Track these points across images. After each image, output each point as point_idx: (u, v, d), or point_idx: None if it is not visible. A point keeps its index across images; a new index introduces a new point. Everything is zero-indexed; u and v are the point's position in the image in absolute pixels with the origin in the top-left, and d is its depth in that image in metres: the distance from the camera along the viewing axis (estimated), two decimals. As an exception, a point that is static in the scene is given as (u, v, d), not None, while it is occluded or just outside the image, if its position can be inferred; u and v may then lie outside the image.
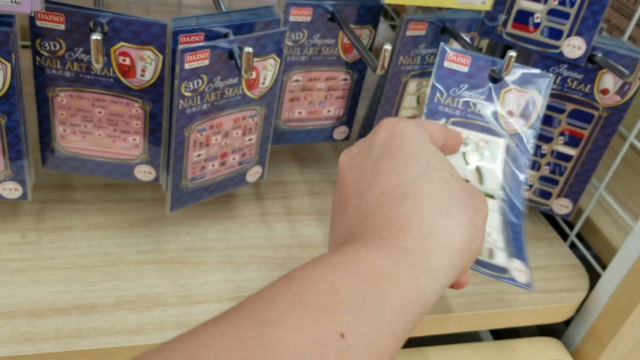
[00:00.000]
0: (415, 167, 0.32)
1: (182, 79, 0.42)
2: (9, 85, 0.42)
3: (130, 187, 0.59)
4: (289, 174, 0.66)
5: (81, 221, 0.54)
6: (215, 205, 0.59)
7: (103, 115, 0.47)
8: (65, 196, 0.56)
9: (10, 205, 0.54)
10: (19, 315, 0.45)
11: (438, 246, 0.29)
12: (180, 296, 0.49)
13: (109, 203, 0.57)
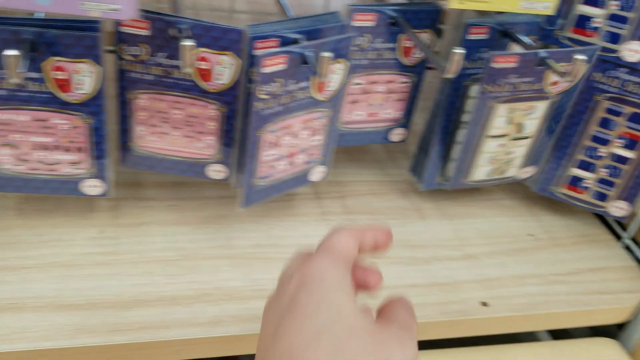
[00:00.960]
0: (311, 328, 0.29)
1: (260, 82, 0.44)
2: (99, 87, 0.45)
3: (197, 185, 0.61)
4: (343, 174, 0.67)
5: (155, 217, 0.57)
6: (277, 203, 0.61)
7: (180, 117, 0.50)
8: (138, 194, 0.59)
9: (86, 202, 0.57)
10: (106, 306, 0.48)
11: None
12: (254, 290, 0.51)
13: (179, 200, 0.59)
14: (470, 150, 0.56)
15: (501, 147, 0.57)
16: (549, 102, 0.55)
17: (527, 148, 0.58)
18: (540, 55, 0.51)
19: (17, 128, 0.46)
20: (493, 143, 0.56)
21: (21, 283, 0.48)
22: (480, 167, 0.58)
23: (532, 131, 0.57)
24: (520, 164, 0.60)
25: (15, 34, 0.41)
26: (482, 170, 0.59)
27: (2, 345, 0.43)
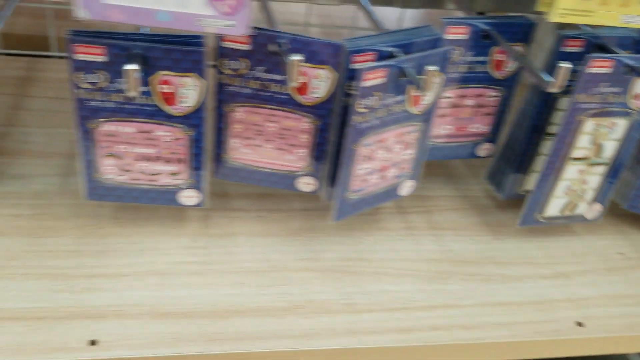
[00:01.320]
0: None
1: (359, 96, 0.44)
2: (202, 100, 0.46)
3: (282, 197, 0.62)
4: (426, 189, 0.67)
5: (243, 228, 0.57)
6: (362, 217, 0.60)
7: (274, 130, 0.50)
8: (225, 204, 0.60)
9: (177, 212, 0.58)
10: (202, 315, 0.48)
11: None
12: (345, 304, 0.51)
13: (265, 212, 0.60)
14: (550, 175, 0.54)
15: (579, 175, 0.55)
16: (630, 119, 0.53)
17: (601, 178, 0.56)
18: (630, 64, 0.49)
19: (122, 139, 0.47)
20: (573, 168, 0.55)
21: (121, 290, 0.49)
22: (556, 198, 0.56)
23: (609, 155, 0.55)
24: (590, 199, 0.58)
25: (127, 49, 0.43)
26: (557, 203, 0.57)
27: (108, 352, 0.44)
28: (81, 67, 0.43)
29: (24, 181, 0.59)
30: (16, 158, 0.62)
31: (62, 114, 0.69)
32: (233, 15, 0.36)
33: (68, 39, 0.42)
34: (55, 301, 0.48)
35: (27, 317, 0.46)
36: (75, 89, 0.44)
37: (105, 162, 0.49)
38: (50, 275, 0.50)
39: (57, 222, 0.55)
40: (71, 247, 0.53)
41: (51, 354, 0.44)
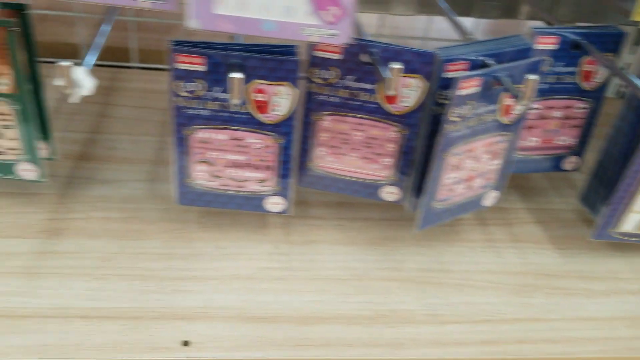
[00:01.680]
0: None
1: (453, 105, 0.44)
2: (293, 109, 0.47)
3: (361, 206, 0.62)
4: (507, 201, 0.66)
5: (323, 236, 0.58)
6: (442, 228, 0.60)
7: (361, 139, 0.51)
8: (305, 212, 0.61)
9: (259, 218, 0.59)
10: (287, 320, 0.49)
11: None
12: (429, 315, 0.51)
13: (344, 220, 0.60)
14: (630, 190, 0.52)
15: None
16: None
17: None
18: None
19: (215, 146, 0.49)
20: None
21: (209, 293, 0.50)
22: (634, 213, 0.54)
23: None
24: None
25: (226, 58, 0.44)
26: (633, 219, 0.55)
27: (200, 353, 0.45)
28: (181, 76, 0.45)
29: (113, 186, 0.61)
30: (104, 164, 0.64)
31: (146, 122, 0.72)
32: (336, 25, 0.37)
33: (170, 48, 0.44)
34: (148, 302, 0.49)
35: (122, 316, 0.48)
36: (174, 97, 0.46)
37: (197, 168, 0.50)
38: (141, 277, 0.51)
39: (145, 225, 0.57)
40: (160, 250, 0.54)
41: (147, 353, 0.45)
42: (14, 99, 0.47)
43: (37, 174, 0.51)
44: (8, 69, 0.45)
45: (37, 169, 0.51)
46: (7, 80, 0.45)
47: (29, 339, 0.45)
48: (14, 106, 0.47)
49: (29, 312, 0.47)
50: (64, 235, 0.55)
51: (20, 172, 0.51)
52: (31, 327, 0.46)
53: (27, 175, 0.51)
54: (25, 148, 0.49)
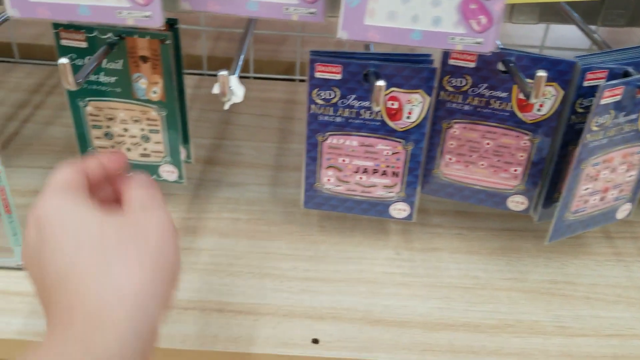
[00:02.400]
0: (68, 251, 0.30)
1: (595, 114, 0.43)
2: (424, 116, 0.48)
3: (480, 216, 0.62)
4: (634, 214, 0.63)
5: (444, 244, 0.58)
6: (565, 240, 0.58)
7: (490, 147, 0.51)
8: (424, 220, 0.61)
9: (379, 224, 0.60)
10: (413, 325, 0.49)
11: (104, 303, 0.28)
12: (557, 327, 0.50)
13: (464, 229, 0.60)
14: None
15: None
16: None
17: None
18: None
19: (345, 152, 0.50)
20: None
21: (334, 294, 0.52)
22: None
23: None
24: None
25: (363, 67, 0.46)
26: None
27: (329, 352, 0.47)
28: (318, 84, 0.47)
29: (239, 189, 0.64)
30: (230, 168, 0.68)
31: (266, 129, 0.75)
32: (482, 33, 0.37)
33: (310, 58, 0.46)
34: (278, 299, 0.51)
35: (256, 312, 0.50)
36: (311, 104, 0.48)
37: (326, 173, 0.52)
38: (270, 276, 0.54)
39: (270, 227, 0.59)
40: (285, 251, 0.56)
41: (279, 348, 0.47)
42: (163, 105, 0.50)
43: (177, 175, 0.54)
44: (159, 78, 0.49)
45: (178, 170, 0.54)
46: (157, 89, 0.49)
47: (171, 329, 0.48)
48: (162, 112, 0.51)
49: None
50: (198, 233, 0.58)
51: (163, 174, 0.54)
52: (172, 317, 0.49)
53: (169, 177, 0.54)
54: (168, 151, 0.53)
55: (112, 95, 0.50)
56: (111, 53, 0.47)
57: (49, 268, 0.30)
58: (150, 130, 0.52)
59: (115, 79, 0.49)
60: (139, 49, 0.47)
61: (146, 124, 0.52)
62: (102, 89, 0.50)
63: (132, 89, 0.50)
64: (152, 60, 0.48)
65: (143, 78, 0.49)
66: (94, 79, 0.49)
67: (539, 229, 0.60)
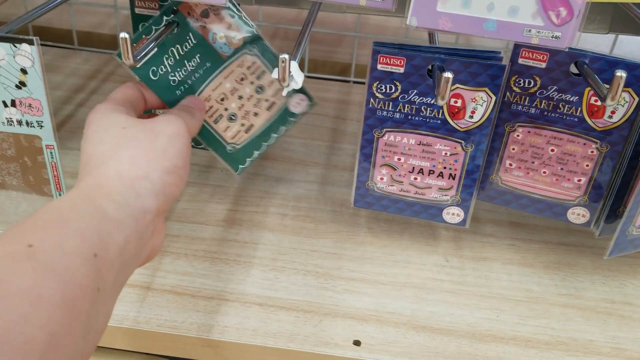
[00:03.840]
0: (95, 138, 0.39)
1: (671, 122, 0.41)
2: (487, 116, 0.45)
3: (534, 228, 0.59)
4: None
5: (496, 254, 0.56)
6: (623, 259, 0.55)
7: (554, 154, 0.48)
8: (476, 229, 0.59)
9: (428, 229, 0.58)
10: (460, 335, 0.47)
11: (107, 177, 0.36)
12: (613, 348, 0.47)
13: (517, 241, 0.58)
14: None
15: None
16: None
17: None
18: None
19: (401, 150, 0.49)
20: None
21: (379, 297, 0.50)
22: None
23: None
24: None
25: (428, 61, 0.44)
26: None
27: (371, 355, 0.45)
28: (379, 77, 0.45)
29: (288, 185, 0.63)
30: (280, 164, 0.67)
31: (318, 128, 0.74)
32: (561, 27, 0.35)
33: (373, 50, 0.45)
34: (321, 298, 0.50)
35: (297, 308, 0.48)
36: (370, 98, 0.46)
37: (379, 171, 0.50)
38: (314, 273, 0.52)
39: (317, 225, 0.58)
40: (331, 250, 0.55)
41: (320, 347, 0.45)
42: (254, 42, 0.48)
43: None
44: (229, 19, 0.47)
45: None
46: (234, 32, 0.47)
47: (211, 319, 0.47)
48: (253, 49, 0.48)
49: (212, 294, 0.49)
50: (243, 226, 0.57)
51: (293, 106, 0.52)
52: (213, 307, 0.48)
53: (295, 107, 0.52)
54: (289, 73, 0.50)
55: (205, 76, 0.48)
56: (176, 35, 0.46)
57: (84, 153, 0.39)
58: (257, 76, 0.49)
59: (198, 56, 0.47)
60: (194, 7, 0.46)
61: (250, 73, 0.49)
62: (194, 77, 0.48)
63: (217, 53, 0.47)
64: (212, 9, 0.46)
65: (218, 33, 0.47)
66: (182, 77, 0.48)
67: (596, 245, 0.57)
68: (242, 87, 0.49)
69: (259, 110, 0.51)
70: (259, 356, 0.46)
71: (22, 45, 0.41)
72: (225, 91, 0.49)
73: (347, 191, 0.62)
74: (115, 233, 0.33)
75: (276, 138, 0.53)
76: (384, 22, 0.96)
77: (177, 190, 0.40)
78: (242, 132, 0.51)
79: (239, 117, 0.51)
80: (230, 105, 0.50)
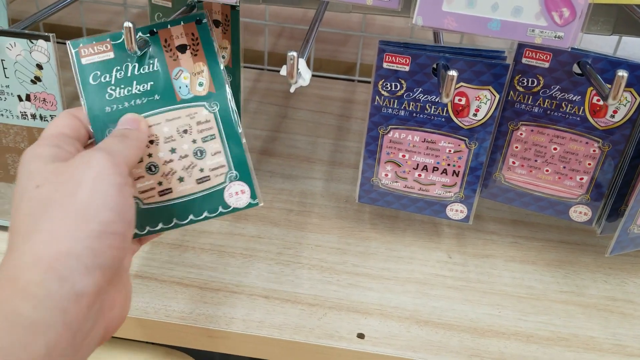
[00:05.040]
0: (15, 207, 0.32)
1: (672, 122, 0.41)
2: (491, 115, 0.46)
3: (536, 227, 0.60)
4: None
5: (498, 252, 0.56)
6: (624, 257, 0.56)
7: (557, 152, 0.49)
8: (478, 226, 0.59)
9: (431, 226, 0.59)
10: (462, 330, 0.48)
11: (23, 265, 0.29)
12: (614, 345, 0.47)
13: (519, 238, 0.58)
14: None
15: None
16: None
17: None
18: None
19: (406, 147, 0.49)
20: None
21: (382, 292, 0.51)
22: None
23: None
24: None
25: (433, 60, 0.45)
26: None
27: (374, 348, 0.46)
28: (385, 76, 0.46)
29: (293, 181, 0.64)
30: (285, 160, 0.67)
31: (322, 125, 0.75)
32: (564, 27, 0.36)
33: (379, 48, 0.45)
34: (325, 291, 0.50)
35: (302, 301, 0.49)
36: (376, 96, 0.47)
37: (384, 168, 0.51)
38: (319, 267, 0.53)
39: (322, 220, 0.59)
40: (336, 245, 0.56)
41: (324, 339, 0.46)
42: (213, 97, 0.41)
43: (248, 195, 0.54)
44: (203, 65, 0.42)
45: (249, 188, 0.54)
46: (204, 79, 0.42)
47: (218, 310, 0.48)
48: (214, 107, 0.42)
49: (219, 286, 0.50)
50: (249, 220, 0.58)
51: (230, 199, 0.52)
52: (220, 299, 0.49)
53: (238, 201, 0.53)
54: (231, 162, 0.52)
55: (147, 107, 0.40)
56: (141, 56, 0.40)
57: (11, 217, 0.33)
58: (205, 138, 0.41)
59: (151, 84, 0.40)
60: (174, 37, 0.41)
61: (197, 129, 0.41)
62: (134, 102, 0.40)
63: (173, 91, 0.40)
64: (192, 47, 0.41)
65: (184, 72, 0.41)
66: (123, 94, 0.40)
67: (598, 244, 0.58)
68: (181, 140, 0.40)
69: (187, 177, 0.41)
70: (265, 347, 0.46)
71: (38, 42, 0.42)
72: (160, 134, 0.40)
73: (351, 188, 0.63)
74: (32, 342, 0.26)
75: (192, 222, 0.41)
76: (389, 22, 0.97)
77: (119, 254, 0.31)
78: (155, 191, 0.40)
79: (159, 173, 0.40)
80: (157, 153, 0.40)
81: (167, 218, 0.40)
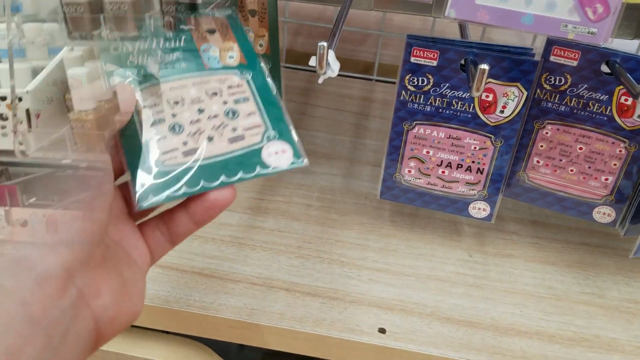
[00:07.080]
0: None
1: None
2: (518, 112, 0.46)
3: (557, 228, 0.59)
4: None
5: (519, 252, 0.56)
6: (648, 261, 0.56)
7: (583, 152, 0.49)
8: (499, 226, 0.59)
9: (451, 225, 0.59)
10: (484, 327, 0.48)
11: None
12: (637, 347, 0.47)
13: (539, 239, 0.58)
14: None
15: None
16: None
17: None
18: None
19: (430, 143, 0.49)
20: None
21: (403, 288, 0.51)
22: None
23: None
24: None
25: (461, 55, 0.45)
26: None
27: (396, 343, 0.46)
28: (412, 70, 0.46)
29: (312, 176, 0.64)
30: (304, 156, 0.67)
31: (342, 123, 0.75)
32: (597, 23, 0.36)
33: (407, 42, 0.45)
34: (346, 286, 0.50)
35: (323, 295, 0.49)
36: (402, 90, 0.47)
37: (407, 164, 0.51)
38: (340, 262, 0.53)
39: (341, 216, 0.59)
40: (355, 241, 0.56)
41: (345, 333, 0.46)
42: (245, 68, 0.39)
43: (291, 154, 0.54)
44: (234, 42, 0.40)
45: (291, 147, 0.54)
46: (234, 53, 0.39)
47: (238, 301, 0.48)
48: (246, 75, 0.39)
49: (239, 277, 0.50)
50: (269, 214, 0.58)
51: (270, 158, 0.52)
52: (240, 291, 0.49)
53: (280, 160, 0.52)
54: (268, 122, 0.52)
55: (172, 72, 0.36)
56: None
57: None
58: (237, 99, 0.37)
59: (177, 54, 0.37)
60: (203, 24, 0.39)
61: (228, 92, 0.37)
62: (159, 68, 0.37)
63: (201, 61, 0.38)
64: (221, 30, 0.39)
65: (213, 47, 0.38)
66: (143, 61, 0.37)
67: (618, 247, 0.58)
68: (210, 102, 0.36)
69: (217, 136, 0.35)
70: (286, 339, 0.46)
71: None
72: (185, 96, 0.36)
73: (370, 185, 0.63)
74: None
75: (224, 184, 0.34)
76: (407, 22, 0.97)
77: (92, 226, 0.25)
78: (178, 152, 0.34)
79: (184, 132, 0.35)
80: (182, 113, 0.35)
81: (194, 180, 0.34)
